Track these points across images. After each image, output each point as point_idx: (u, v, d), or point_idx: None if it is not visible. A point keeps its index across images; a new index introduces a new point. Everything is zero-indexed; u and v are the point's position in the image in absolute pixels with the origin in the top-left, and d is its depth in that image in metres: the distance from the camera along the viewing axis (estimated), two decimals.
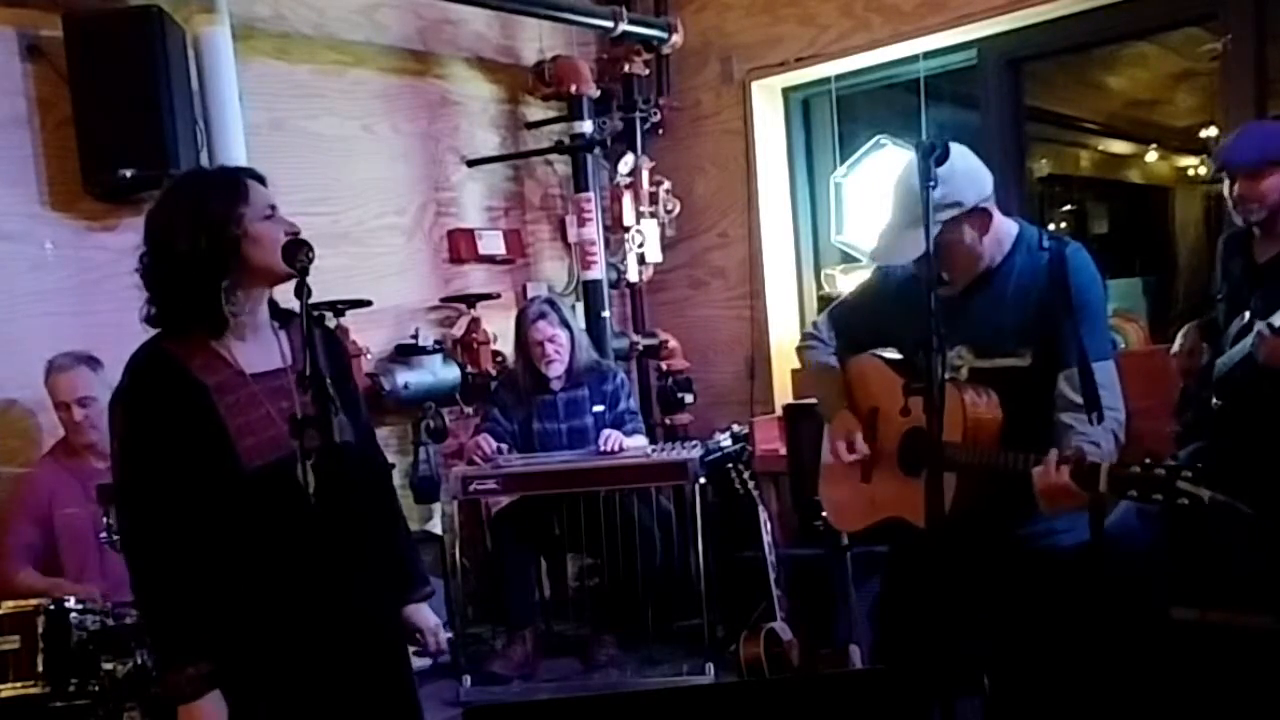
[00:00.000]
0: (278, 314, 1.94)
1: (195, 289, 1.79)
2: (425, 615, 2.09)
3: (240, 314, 1.84)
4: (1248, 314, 2.64)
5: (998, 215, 2.10)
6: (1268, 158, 2.68)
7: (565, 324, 3.93)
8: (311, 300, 1.79)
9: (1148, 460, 1.72)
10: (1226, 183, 2.78)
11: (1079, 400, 1.96)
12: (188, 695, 1.74)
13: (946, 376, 1.88)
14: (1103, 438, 1.92)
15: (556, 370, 3.90)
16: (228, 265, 1.79)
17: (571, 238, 4.61)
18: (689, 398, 4.66)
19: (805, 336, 2.56)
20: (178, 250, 1.78)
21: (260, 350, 1.89)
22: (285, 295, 1.88)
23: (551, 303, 3.99)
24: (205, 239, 1.78)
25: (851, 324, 2.41)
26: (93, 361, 3.00)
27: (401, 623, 2.05)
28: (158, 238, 1.82)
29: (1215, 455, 1.76)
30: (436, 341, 4.14)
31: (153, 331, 1.85)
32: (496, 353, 4.31)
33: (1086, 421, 1.94)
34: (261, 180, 1.90)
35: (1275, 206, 2.69)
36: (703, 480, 3.55)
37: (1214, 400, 2.71)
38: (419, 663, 2.12)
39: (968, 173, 2.02)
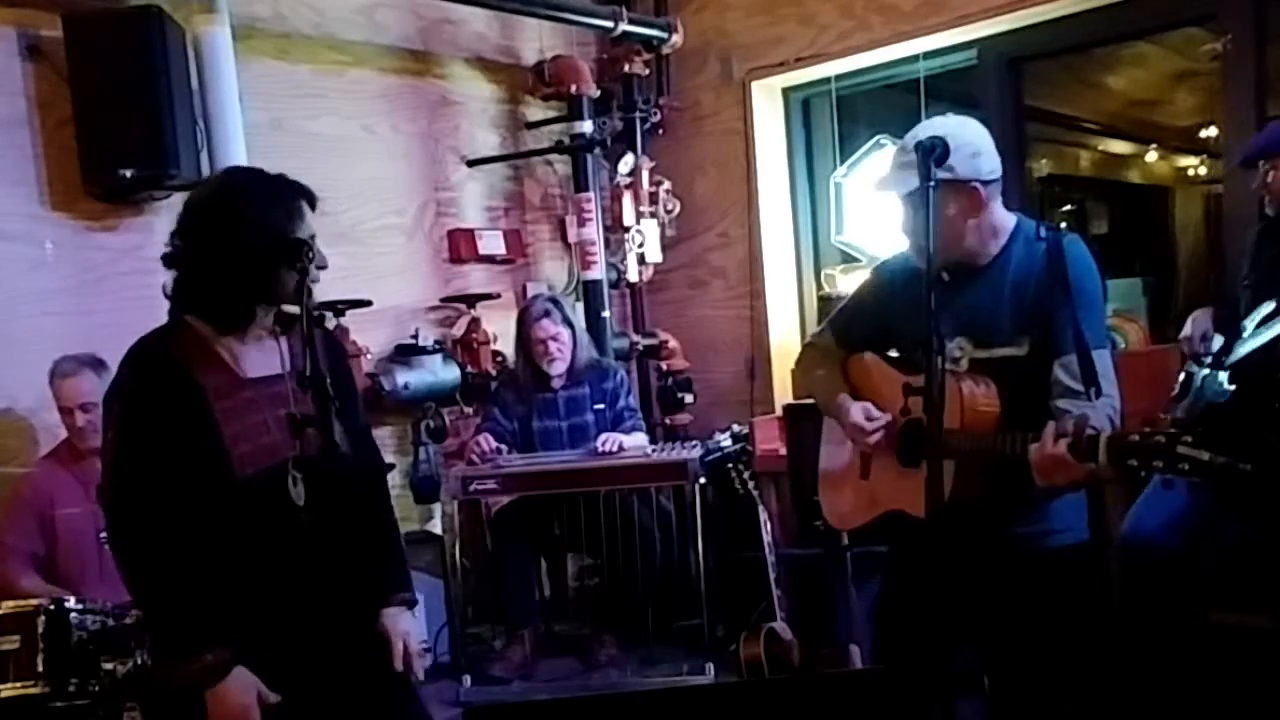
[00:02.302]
0: (279, 318, 1.93)
1: (230, 293, 1.81)
2: (399, 622, 1.98)
3: (247, 322, 1.85)
4: (1274, 303, 2.62)
5: (994, 206, 2.09)
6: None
7: (568, 322, 3.93)
8: (311, 300, 1.79)
9: (1147, 428, 1.71)
10: (1261, 172, 2.77)
11: (1076, 386, 1.96)
12: (213, 680, 1.73)
13: (946, 368, 1.87)
14: (1099, 418, 1.91)
15: (558, 368, 3.90)
16: (267, 282, 1.80)
17: (571, 238, 4.61)
18: (689, 398, 4.66)
19: (806, 347, 2.57)
20: (232, 253, 1.78)
21: (260, 355, 1.88)
22: None
23: (555, 301, 4.00)
24: (254, 254, 1.78)
25: (852, 326, 2.41)
26: (98, 364, 2.99)
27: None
28: (210, 233, 1.81)
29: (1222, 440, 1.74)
30: (436, 341, 4.14)
31: (151, 327, 1.85)
32: (496, 353, 4.31)
33: (1084, 404, 1.93)
34: (313, 202, 1.90)
35: None
36: (703, 480, 3.55)
37: (1227, 383, 2.67)
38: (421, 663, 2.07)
39: (965, 145, 2.01)
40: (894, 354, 2.33)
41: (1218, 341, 2.73)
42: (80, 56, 3.19)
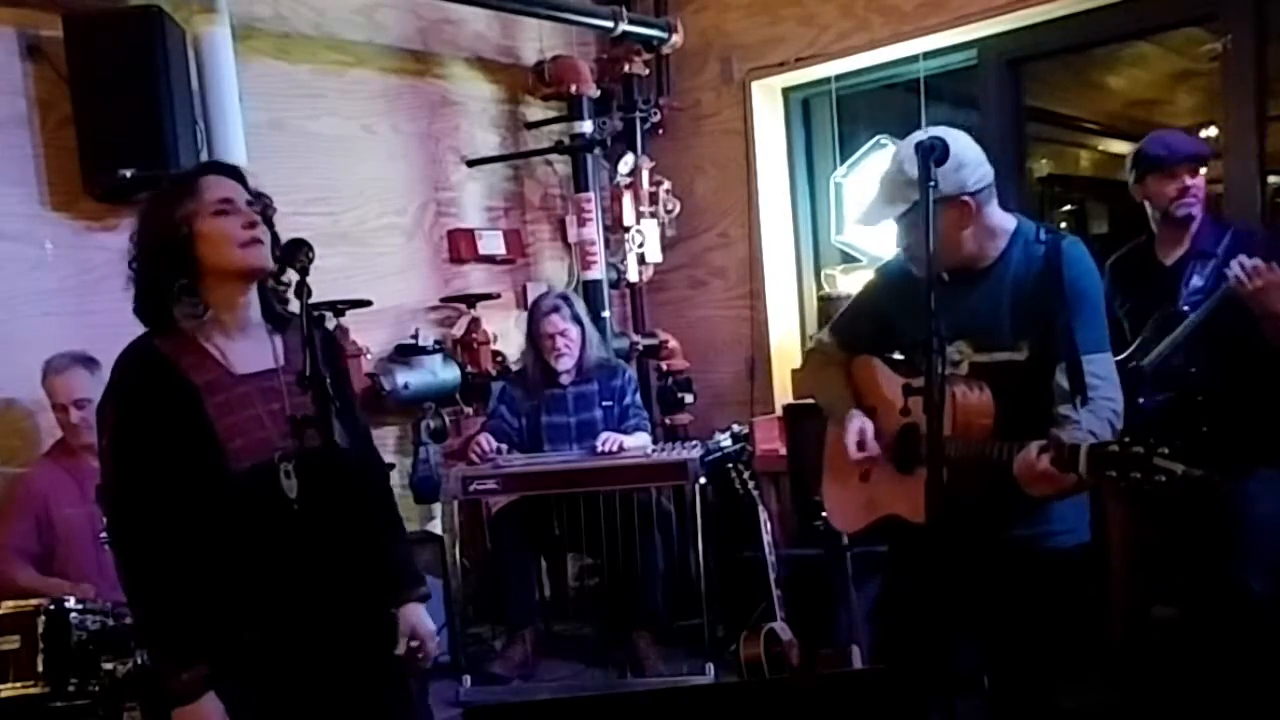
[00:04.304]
0: (272, 316, 1.92)
1: (146, 289, 1.82)
2: (423, 618, 2.01)
3: (217, 312, 1.83)
4: (1159, 313, 2.80)
5: (989, 210, 2.09)
6: (1205, 156, 2.93)
7: (577, 320, 3.93)
8: (311, 300, 1.79)
9: (1126, 439, 1.72)
10: (1155, 181, 3.00)
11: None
12: (186, 698, 1.74)
13: (945, 372, 1.87)
14: (1091, 423, 1.91)
15: (566, 365, 3.90)
16: (176, 266, 1.79)
17: (571, 238, 4.61)
18: (689, 398, 4.66)
19: (809, 350, 2.57)
20: (132, 252, 1.83)
21: (251, 350, 1.87)
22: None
23: (565, 297, 4.00)
24: (148, 241, 1.82)
25: (854, 328, 2.41)
26: (89, 362, 3.00)
27: (393, 624, 1.98)
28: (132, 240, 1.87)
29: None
30: (436, 341, 4.14)
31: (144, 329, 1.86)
32: (496, 353, 4.31)
33: (1081, 410, 1.94)
34: (232, 172, 1.89)
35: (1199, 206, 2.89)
36: (703, 480, 3.54)
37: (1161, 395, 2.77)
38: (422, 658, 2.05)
39: (949, 161, 1.98)
40: (897, 356, 2.33)
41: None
42: (80, 56, 3.19)
